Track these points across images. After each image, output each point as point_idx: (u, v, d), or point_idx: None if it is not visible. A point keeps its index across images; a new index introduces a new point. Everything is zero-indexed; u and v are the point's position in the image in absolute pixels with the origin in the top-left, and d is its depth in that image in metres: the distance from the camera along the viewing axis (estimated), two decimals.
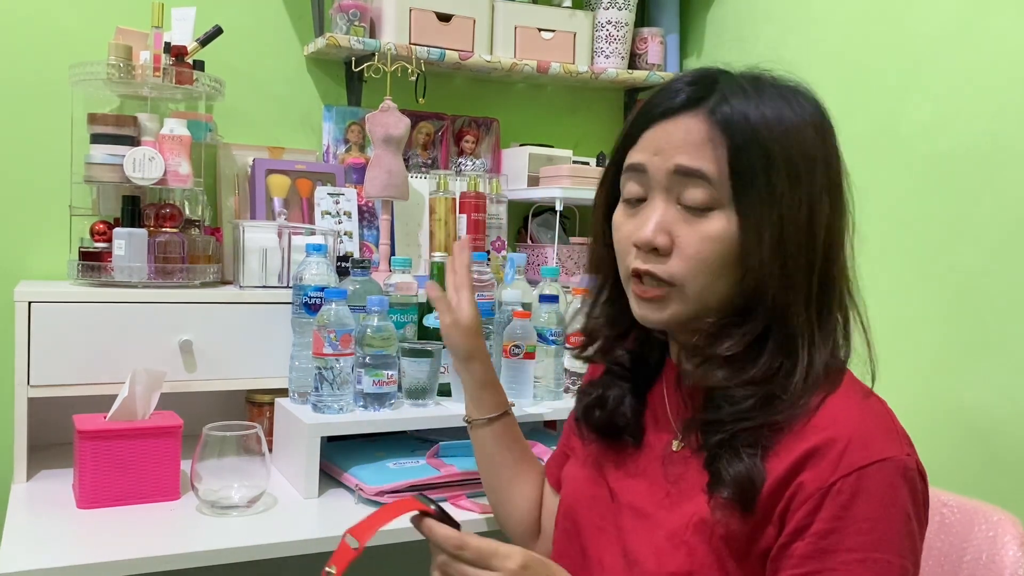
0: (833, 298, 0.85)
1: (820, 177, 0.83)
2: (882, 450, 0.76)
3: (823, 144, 0.84)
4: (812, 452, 0.77)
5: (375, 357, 1.49)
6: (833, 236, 0.84)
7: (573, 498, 1.00)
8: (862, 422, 0.78)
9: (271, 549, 1.24)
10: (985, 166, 1.51)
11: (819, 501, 0.75)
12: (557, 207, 1.96)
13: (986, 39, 1.52)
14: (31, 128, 1.75)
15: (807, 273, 0.82)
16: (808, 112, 0.85)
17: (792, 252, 0.81)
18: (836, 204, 0.84)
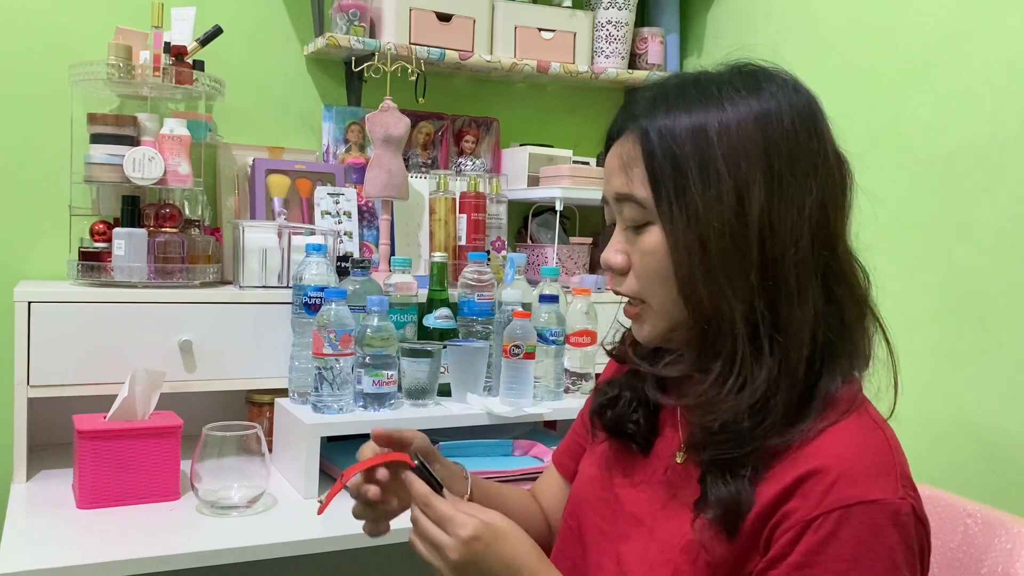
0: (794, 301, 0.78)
1: (751, 170, 0.77)
2: (871, 491, 0.72)
3: (764, 135, 0.78)
4: (802, 480, 0.74)
5: (375, 357, 1.49)
6: (778, 230, 0.77)
7: (580, 499, 1.00)
8: (859, 457, 0.74)
9: (271, 549, 1.24)
10: (985, 166, 1.51)
11: (799, 533, 0.73)
12: (557, 207, 1.96)
13: (986, 39, 1.52)
14: (31, 128, 1.75)
15: (742, 276, 0.77)
16: (747, 106, 0.79)
17: (715, 253, 0.77)
18: (782, 193, 0.77)
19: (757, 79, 0.82)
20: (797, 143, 0.79)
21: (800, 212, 0.77)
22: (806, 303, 0.78)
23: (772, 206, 0.77)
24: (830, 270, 0.80)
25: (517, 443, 1.59)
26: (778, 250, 0.77)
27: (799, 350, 0.78)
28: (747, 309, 0.78)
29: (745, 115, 0.78)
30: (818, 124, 0.81)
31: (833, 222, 0.80)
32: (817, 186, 0.79)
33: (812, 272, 0.78)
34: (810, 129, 0.80)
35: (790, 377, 0.78)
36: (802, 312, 0.78)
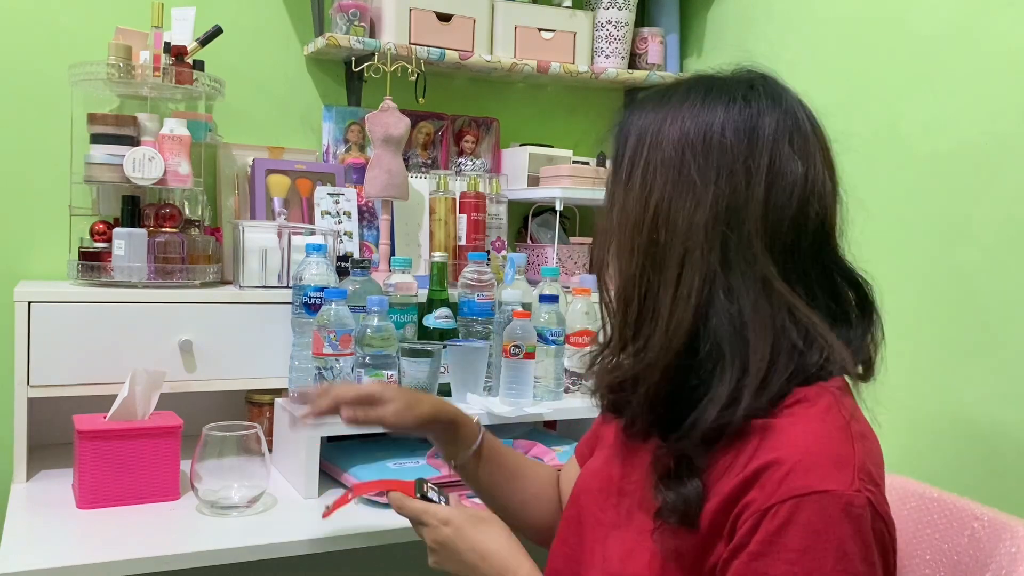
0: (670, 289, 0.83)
1: (664, 166, 0.84)
2: (824, 481, 0.73)
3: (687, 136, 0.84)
4: (761, 471, 0.75)
5: (375, 357, 1.49)
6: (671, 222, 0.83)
7: (583, 487, 1.00)
8: (816, 449, 0.75)
9: (271, 549, 1.24)
10: (985, 166, 1.51)
11: (757, 522, 0.74)
12: (557, 207, 1.96)
13: (986, 39, 1.52)
14: (31, 128, 1.75)
15: (628, 256, 0.85)
16: (690, 112, 0.85)
17: (613, 232, 0.87)
18: (683, 189, 0.83)
19: (719, 90, 0.86)
20: (721, 148, 0.83)
21: (700, 208, 0.82)
22: (683, 291, 0.82)
23: (671, 199, 0.83)
24: (732, 272, 0.82)
25: (517, 443, 1.59)
26: (666, 239, 0.83)
27: (666, 334, 0.82)
28: (625, 287, 0.86)
29: (682, 122, 0.85)
30: (761, 137, 0.83)
31: (744, 227, 0.82)
32: (729, 190, 0.82)
33: (702, 265, 0.82)
34: (747, 139, 0.83)
35: (658, 359, 0.82)
36: (674, 298, 0.82)
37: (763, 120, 0.83)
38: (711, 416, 0.79)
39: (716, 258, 0.81)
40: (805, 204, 0.82)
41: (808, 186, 0.83)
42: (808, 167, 0.83)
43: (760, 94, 0.86)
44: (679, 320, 0.82)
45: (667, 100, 0.88)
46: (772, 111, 0.84)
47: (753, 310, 0.80)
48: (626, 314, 0.86)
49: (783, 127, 0.84)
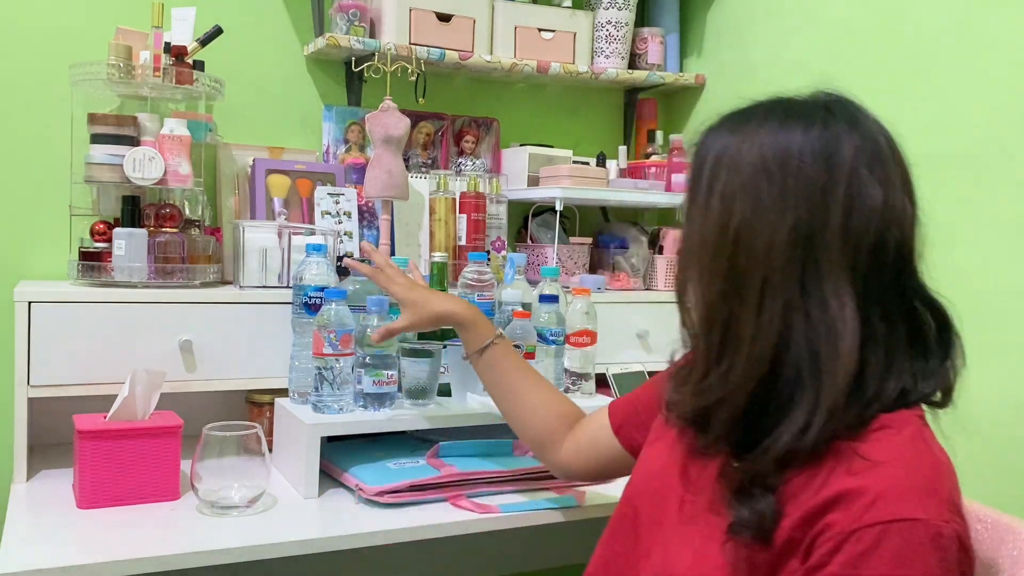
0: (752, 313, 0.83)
1: (744, 188, 0.84)
2: (915, 509, 0.73)
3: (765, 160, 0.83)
4: (845, 494, 0.76)
5: (375, 357, 1.49)
6: (751, 245, 0.82)
7: (640, 487, 1.01)
8: (906, 476, 0.76)
9: (271, 549, 1.24)
10: (985, 166, 1.51)
11: (839, 543, 0.74)
12: (557, 207, 1.96)
13: (986, 39, 1.52)
14: (31, 128, 1.75)
15: (710, 280, 0.85)
16: (769, 135, 0.85)
17: (695, 254, 0.88)
18: (762, 212, 0.83)
19: (797, 113, 0.86)
20: (799, 172, 0.83)
21: (779, 234, 0.82)
22: (764, 318, 0.82)
23: (750, 224, 0.83)
24: (809, 298, 0.82)
25: (517, 443, 1.59)
26: (748, 264, 0.83)
27: (749, 359, 0.82)
28: (708, 312, 0.86)
29: (760, 146, 0.85)
30: (839, 162, 0.83)
31: (823, 254, 0.82)
32: (807, 217, 0.82)
33: (782, 292, 0.82)
34: (825, 164, 0.83)
35: (740, 384, 0.83)
36: (756, 325, 0.83)
37: (841, 145, 0.83)
38: (784, 441, 0.80)
39: (795, 284, 0.82)
40: (884, 230, 0.82)
41: (887, 212, 0.83)
42: (887, 193, 0.83)
43: (838, 118, 0.86)
44: (762, 347, 0.82)
45: (745, 122, 0.88)
46: (850, 136, 0.84)
47: (830, 337, 0.80)
48: (709, 339, 0.86)
49: (862, 152, 0.84)
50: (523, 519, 1.40)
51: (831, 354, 0.80)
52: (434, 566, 1.89)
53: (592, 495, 1.47)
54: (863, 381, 0.81)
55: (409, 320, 1.36)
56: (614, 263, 2.13)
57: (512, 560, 1.97)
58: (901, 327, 0.84)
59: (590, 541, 1.05)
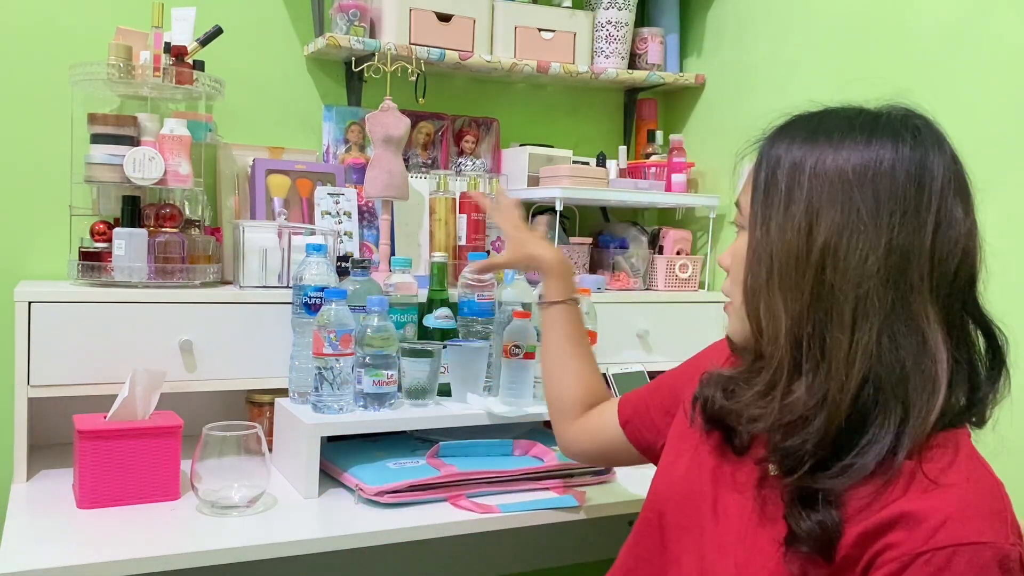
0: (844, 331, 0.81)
1: (829, 202, 0.82)
2: (983, 533, 0.74)
3: (857, 176, 0.82)
4: (910, 515, 0.76)
5: (375, 357, 1.49)
6: (842, 263, 0.81)
7: (665, 493, 1.00)
8: (973, 499, 0.76)
9: (271, 549, 1.24)
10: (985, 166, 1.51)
11: (904, 565, 0.74)
12: (557, 207, 1.96)
13: (986, 38, 1.52)
14: (31, 128, 1.75)
15: (795, 295, 0.83)
16: (854, 151, 0.83)
17: (776, 268, 0.84)
18: (855, 230, 0.81)
19: (884, 127, 0.85)
20: (891, 190, 0.82)
21: (873, 252, 0.81)
22: (859, 336, 0.81)
23: (841, 239, 0.81)
24: (898, 318, 0.81)
25: (517, 443, 1.59)
26: (838, 280, 0.81)
27: (841, 378, 0.81)
28: (793, 326, 0.83)
29: (846, 158, 0.83)
30: (931, 182, 0.82)
31: (913, 274, 0.81)
32: (901, 236, 0.81)
33: (876, 311, 0.81)
34: (916, 183, 0.82)
35: (831, 402, 0.81)
36: (851, 343, 0.81)
37: (932, 165, 0.83)
38: (871, 461, 0.79)
39: (888, 305, 0.81)
40: (966, 255, 0.83)
41: (969, 237, 0.84)
42: (967, 218, 0.84)
43: (925, 137, 0.85)
44: (859, 366, 0.81)
45: (823, 130, 0.86)
46: (939, 156, 0.84)
47: (916, 358, 0.80)
48: (796, 353, 0.84)
49: (949, 174, 0.83)
50: (523, 519, 1.41)
51: (922, 381, 0.80)
52: (434, 566, 1.89)
53: (592, 495, 1.47)
54: (941, 401, 0.81)
55: (509, 255, 1.42)
56: (614, 263, 2.13)
57: (512, 560, 1.97)
58: (964, 350, 0.85)
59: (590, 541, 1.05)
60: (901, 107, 0.89)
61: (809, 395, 0.82)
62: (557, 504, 1.43)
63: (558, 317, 1.34)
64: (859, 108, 0.88)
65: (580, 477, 1.54)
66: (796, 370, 0.84)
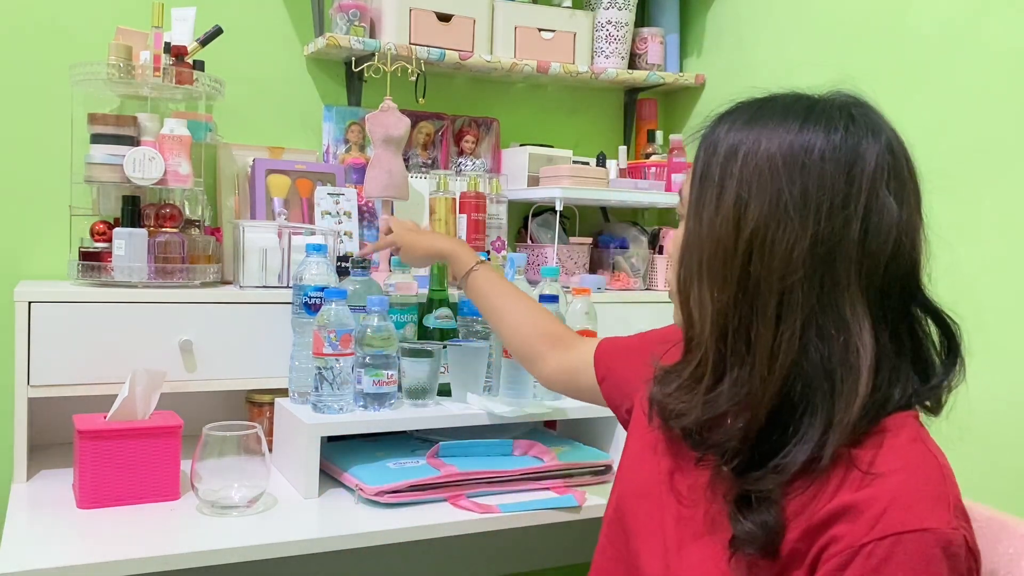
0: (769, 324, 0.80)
1: (758, 193, 0.80)
2: (925, 519, 0.72)
3: (785, 164, 0.80)
4: (850, 506, 0.74)
5: (375, 357, 1.49)
6: (768, 255, 0.79)
7: (624, 492, 0.99)
8: (913, 485, 0.75)
9: (271, 549, 1.24)
10: (985, 166, 1.52)
11: (849, 558, 0.73)
12: (557, 207, 1.96)
13: (986, 39, 1.52)
14: (31, 128, 1.75)
15: (721, 287, 0.81)
16: (786, 135, 0.81)
17: (705, 258, 0.83)
18: (782, 222, 0.79)
19: (818, 114, 0.83)
20: (819, 181, 0.80)
21: (799, 244, 0.79)
22: (783, 331, 0.79)
23: (768, 231, 0.80)
24: (824, 312, 0.79)
25: (517, 443, 1.59)
26: (764, 273, 0.80)
27: (763, 374, 0.79)
28: (719, 319, 0.82)
29: (777, 146, 0.81)
30: (861, 173, 0.80)
31: (840, 267, 0.79)
32: (827, 228, 0.79)
33: (801, 305, 0.79)
34: (846, 173, 0.80)
35: (754, 399, 0.80)
36: (775, 338, 0.80)
37: (863, 155, 0.81)
38: (799, 460, 0.78)
39: (814, 299, 0.79)
40: (899, 247, 0.81)
41: (902, 229, 0.81)
42: (903, 209, 0.81)
43: (860, 124, 0.83)
44: (782, 361, 0.79)
45: (760, 117, 0.84)
46: (872, 145, 0.82)
47: (844, 352, 0.78)
48: (720, 347, 0.83)
49: (882, 165, 0.81)
50: (523, 519, 1.41)
51: (848, 374, 0.78)
52: (434, 566, 1.89)
53: (592, 495, 1.47)
54: (872, 395, 0.79)
55: (405, 259, 1.56)
56: (614, 263, 2.13)
57: (512, 560, 1.97)
58: (907, 343, 0.83)
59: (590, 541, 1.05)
60: (843, 94, 0.87)
61: (732, 391, 0.81)
62: (557, 504, 1.43)
63: (477, 283, 1.44)
64: (798, 95, 0.86)
65: (580, 477, 1.54)
66: (721, 364, 0.83)
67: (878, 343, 0.80)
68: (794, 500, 0.78)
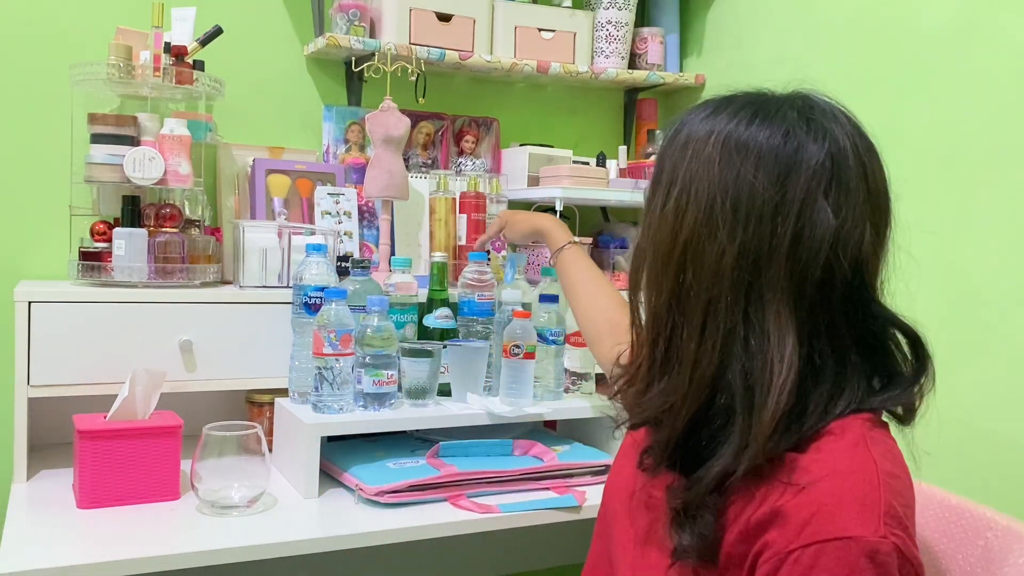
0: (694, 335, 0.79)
1: (695, 200, 0.80)
2: (848, 527, 0.70)
3: (720, 170, 0.79)
4: (780, 512, 0.73)
5: (375, 357, 1.49)
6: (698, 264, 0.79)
7: (607, 489, 1.00)
8: (840, 490, 0.73)
9: (271, 549, 1.24)
10: (985, 166, 1.51)
11: (777, 565, 0.72)
12: (557, 207, 1.96)
13: (986, 39, 1.52)
14: (31, 128, 1.75)
15: (657, 293, 0.82)
16: (728, 138, 0.80)
17: (648, 262, 0.84)
18: (712, 230, 0.78)
19: (763, 116, 0.81)
20: (751, 191, 0.78)
21: (728, 254, 0.78)
22: (707, 340, 0.79)
23: (700, 239, 0.79)
24: (749, 323, 0.78)
25: (517, 443, 1.59)
26: (694, 282, 0.80)
27: (685, 383, 0.79)
28: (654, 325, 0.83)
29: (720, 153, 0.80)
30: (796, 182, 0.78)
31: (765, 278, 0.78)
32: (755, 240, 0.78)
33: (725, 316, 0.78)
34: (780, 183, 0.78)
35: (676, 408, 0.80)
36: (698, 347, 0.79)
37: (801, 161, 0.78)
38: (715, 472, 0.77)
39: (740, 309, 0.78)
40: (834, 260, 0.78)
41: (839, 241, 0.78)
42: (843, 219, 0.78)
43: (805, 129, 0.80)
44: (702, 372, 0.79)
45: (711, 121, 0.82)
46: (814, 151, 0.78)
47: (774, 367, 0.76)
48: (653, 351, 0.83)
49: (820, 172, 0.78)
50: (523, 519, 1.41)
51: (768, 382, 0.76)
52: (434, 566, 1.89)
53: (592, 495, 1.47)
54: (803, 413, 0.77)
55: (509, 235, 1.73)
56: (614, 263, 2.13)
57: (512, 560, 1.97)
58: (854, 357, 0.80)
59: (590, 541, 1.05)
60: (800, 95, 0.85)
61: (660, 398, 0.81)
62: (557, 504, 1.43)
63: (565, 262, 1.55)
64: (753, 96, 0.84)
65: (580, 477, 1.54)
66: (653, 370, 0.83)
67: (811, 355, 0.78)
68: (734, 504, 0.77)
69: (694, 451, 0.81)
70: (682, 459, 0.82)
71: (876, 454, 0.76)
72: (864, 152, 0.82)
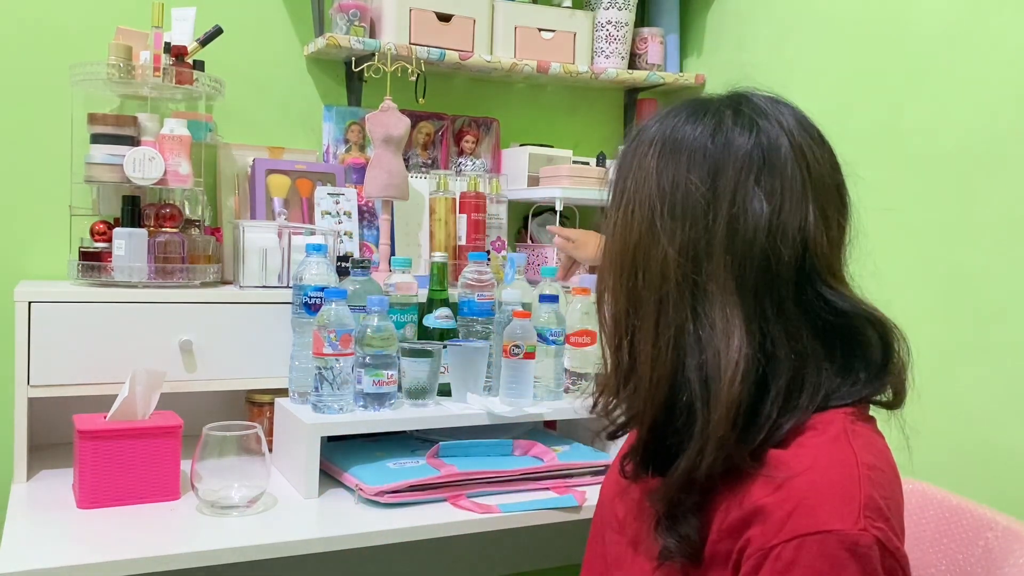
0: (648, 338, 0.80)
1: (640, 203, 0.81)
2: (828, 521, 0.70)
3: (658, 170, 0.81)
4: (760, 508, 0.73)
5: (375, 357, 1.49)
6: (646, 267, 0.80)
7: (602, 489, 1.00)
8: (819, 484, 0.73)
9: (271, 549, 1.24)
10: (985, 166, 1.51)
11: (759, 561, 0.72)
12: (557, 207, 1.96)
13: (986, 39, 1.52)
14: (31, 128, 1.75)
15: (616, 298, 0.83)
16: (666, 139, 0.82)
17: (606, 267, 0.85)
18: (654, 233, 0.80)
19: (695, 114, 0.83)
20: (686, 188, 0.80)
21: (670, 254, 0.79)
22: (661, 342, 0.80)
23: (646, 244, 0.81)
24: (698, 319, 0.79)
25: (517, 443, 1.59)
26: (643, 286, 0.81)
27: (645, 387, 0.80)
28: (615, 331, 0.84)
29: (659, 155, 0.82)
30: (726, 174, 0.79)
31: (706, 273, 0.78)
32: (692, 235, 0.79)
33: (673, 316, 0.79)
34: (712, 176, 0.79)
35: (640, 413, 0.81)
36: (653, 348, 0.80)
37: (730, 153, 0.79)
38: (681, 470, 0.77)
39: (687, 306, 0.79)
40: (772, 247, 0.78)
41: (775, 228, 0.78)
42: (779, 204, 0.78)
43: (732, 123, 0.81)
44: (660, 374, 0.80)
45: (661, 121, 0.85)
46: (742, 143, 0.79)
47: (723, 358, 0.76)
48: (618, 358, 0.85)
49: (749, 162, 0.79)
50: (523, 519, 1.41)
51: (723, 376, 0.76)
52: (434, 566, 1.89)
53: (592, 495, 1.47)
54: (761, 404, 0.77)
55: (577, 255, 1.84)
56: None
57: (512, 560, 1.97)
58: (811, 344, 0.79)
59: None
60: (736, 91, 0.86)
61: (628, 402, 0.83)
62: (557, 504, 1.43)
63: None
64: (690, 101, 0.86)
65: (580, 477, 1.54)
66: (619, 375, 0.84)
67: (763, 343, 0.78)
68: (717, 503, 0.77)
69: (667, 452, 0.81)
70: (656, 461, 0.82)
71: (856, 447, 0.76)
72: (801, 137, 0.82)
